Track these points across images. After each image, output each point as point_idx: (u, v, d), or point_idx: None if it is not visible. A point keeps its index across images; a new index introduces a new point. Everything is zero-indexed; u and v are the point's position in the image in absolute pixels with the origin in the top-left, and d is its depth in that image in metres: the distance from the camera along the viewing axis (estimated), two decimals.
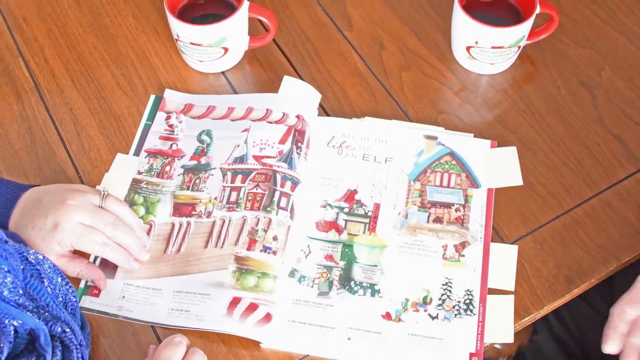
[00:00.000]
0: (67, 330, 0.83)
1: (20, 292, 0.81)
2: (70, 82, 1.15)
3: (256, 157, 1.05)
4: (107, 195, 0.96)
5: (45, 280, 0.85)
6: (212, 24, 1.08)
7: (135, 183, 1.04)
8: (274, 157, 1.05)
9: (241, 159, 1.05)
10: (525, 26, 1.08)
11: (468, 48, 1.11)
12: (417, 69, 1.16)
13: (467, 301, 0.95)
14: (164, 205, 1.03)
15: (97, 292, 0.96)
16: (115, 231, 0.95)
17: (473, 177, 1.04)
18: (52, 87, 1.15)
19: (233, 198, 1.02)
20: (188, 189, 1.04)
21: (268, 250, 0.98)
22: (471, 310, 0.94)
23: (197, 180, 1.04)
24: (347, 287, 0.97)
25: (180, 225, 1.01)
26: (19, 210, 0.95)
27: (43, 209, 0.94)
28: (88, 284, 0.96)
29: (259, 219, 1.00)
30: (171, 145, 1.07)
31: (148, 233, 1.00)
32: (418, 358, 0.91)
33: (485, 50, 1.10)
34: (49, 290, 0.85)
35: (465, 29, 1.10)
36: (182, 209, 1.02)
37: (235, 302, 0.93)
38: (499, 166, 1.05)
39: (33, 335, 0.80)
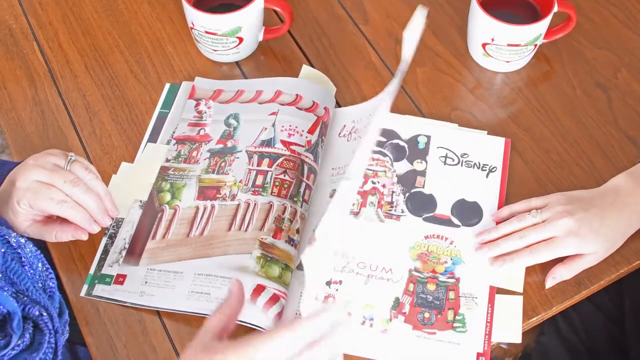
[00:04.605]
0: (44, 314, 0.83)
1: (0, 275, 0.81)
2: (84, 68, 1.15)
3: (284, 142, 1.04)
4: (74, 160, 0.94)
5: (26, 265, 0.85)
6: (227, 13, 1.07)
7: (163, 171, 1.04)
8: (303, 146, 1.03)
9: (268, 142, 1.04)
10: (543, 24, 1.07)
11: (484, 45, 1.10)
12: (432, 64, 1.15)
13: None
14: (189, 189, 1.02)
15: (122, 279, 0.95)
16: (74, 189, 0.92)
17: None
18: (65, 72, 1.15)
19: (259, 182, 1.01)
20: (213, 173, 1.03)
21: (292, 242, 0.97)
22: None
23: (223, 164, 1.03)
24: None
25: (205, 208, 1.00)
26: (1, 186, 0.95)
27: (10, 174, 0.93)
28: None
29: (286, 207, 0.98)
30: (199, 131, 1.07)
31: (172, 218, 0.99)
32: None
33: (501, 47, 1.09)
34: (29, 274, 0.85)
35: (482, 26, 1.09)
36: (206, 192, 1.01)
37: (259, 289, 0.92)
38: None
39: (7, 317, 0.80)
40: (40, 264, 0.86)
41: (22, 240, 0.86)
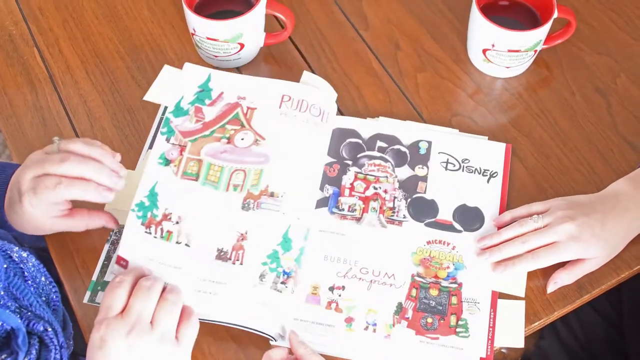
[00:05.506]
0: (49, 329, 0.82)
1: (2, 293, 0.80)
2: (85, 74, 1.15)
3: None
4: (60, 142, 0.93)
5: (28, 280, 0.84)
6: (229, 19, 1.08)
7: None
8: None
9: None
10: (543, 30, 1.08)
11: (484, 51, 1.11)
12: (433, 70, 1.16)
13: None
14: None
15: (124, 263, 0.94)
16: (64, 165, 0.89)
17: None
18: (66, 78, 1.15)
19: None
20: None
21: None
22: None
23: None
24: None
25: None
26: (8, 191, 0.94)
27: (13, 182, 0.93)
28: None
29: None
30: None
31: None
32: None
33: (501, 53, 1.09)
34: (32, 289, 0.84)
35: (482, 32, 1.10)
36: None
37: None
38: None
39: (11, 334, 0.79)
40: (43, 278, 0.86)
41: (25, 255, 0.85)
